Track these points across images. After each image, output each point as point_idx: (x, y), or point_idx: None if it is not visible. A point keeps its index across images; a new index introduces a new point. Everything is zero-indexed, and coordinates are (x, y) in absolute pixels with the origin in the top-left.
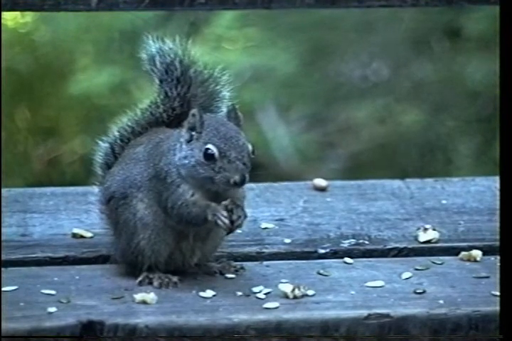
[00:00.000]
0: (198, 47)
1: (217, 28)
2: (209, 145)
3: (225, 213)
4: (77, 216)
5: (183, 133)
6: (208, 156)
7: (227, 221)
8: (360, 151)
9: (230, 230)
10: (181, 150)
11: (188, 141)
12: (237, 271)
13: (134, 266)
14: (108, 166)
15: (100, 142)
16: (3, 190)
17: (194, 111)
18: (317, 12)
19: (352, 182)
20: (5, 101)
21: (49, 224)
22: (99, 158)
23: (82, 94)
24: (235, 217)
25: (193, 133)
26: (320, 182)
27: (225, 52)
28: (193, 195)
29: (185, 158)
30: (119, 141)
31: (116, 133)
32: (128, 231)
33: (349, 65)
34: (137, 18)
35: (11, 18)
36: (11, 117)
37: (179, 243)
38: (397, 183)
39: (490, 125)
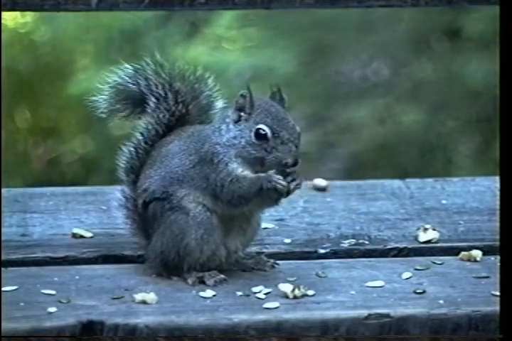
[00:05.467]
0: (198, 47)
1: (217, 28)
2: (261, 126)
3: (279, 176)
4: (77, 216)
5: (230, 113)
6: (260, 136)
7: (284, 183)
8: (360, 151)
9: (288, 192)
10: (229, 130)
11: (236, 122)
12: (272, 266)
13: (171, 267)
14: (133, 170)
15: (123, 147)
16: (3, 190)
17: (243, 92)
18: (317, 12)
19: (352, 182)
20: (5, 101)
21: (49, 224)
22: (122, 162)
23: (82, 94)
24: (289, 179)
25: (242, 113)
26: (320, 182)
27: (225, 52)
28: (242, 171)
29: (234, 138)
30: (143, 144)
31: (140, 137)
32: (176, 231)
33: (349, 65)
34: (137, 18)
35: (10, 18)
36: (11, 117)
37: (225, 238)
38: (397, 183)
39: (490, 125)
